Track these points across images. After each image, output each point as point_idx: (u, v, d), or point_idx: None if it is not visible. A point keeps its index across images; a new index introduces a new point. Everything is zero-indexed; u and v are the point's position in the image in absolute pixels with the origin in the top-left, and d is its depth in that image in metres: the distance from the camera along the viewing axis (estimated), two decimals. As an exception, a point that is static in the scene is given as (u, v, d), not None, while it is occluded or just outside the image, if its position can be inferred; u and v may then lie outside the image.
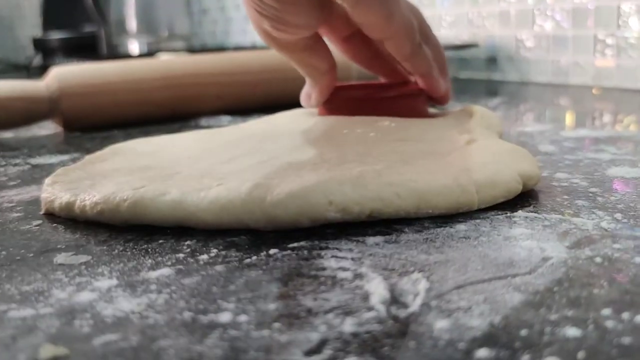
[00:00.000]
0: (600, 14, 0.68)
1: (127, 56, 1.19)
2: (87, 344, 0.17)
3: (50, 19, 1.63)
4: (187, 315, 0.18)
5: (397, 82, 0.41)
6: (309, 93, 0.38)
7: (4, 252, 0.24)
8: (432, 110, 0.42)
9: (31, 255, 0.24)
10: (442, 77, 0.38)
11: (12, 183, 0.36)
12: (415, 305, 0.18)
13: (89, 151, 0.43)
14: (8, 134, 0.54)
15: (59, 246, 0.25)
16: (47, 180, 0.30)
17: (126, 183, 0.27)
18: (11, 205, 0.31)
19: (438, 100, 0.40)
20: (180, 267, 0.22)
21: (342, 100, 0.39)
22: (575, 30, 0.71)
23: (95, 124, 0.55)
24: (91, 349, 0.17)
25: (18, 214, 0.29)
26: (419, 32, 0.36)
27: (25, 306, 0.19)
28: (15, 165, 0.41)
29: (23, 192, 0.34)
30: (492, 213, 0.26)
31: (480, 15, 0.84)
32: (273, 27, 0.34)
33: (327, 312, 0.18)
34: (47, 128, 0.57)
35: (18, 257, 0.24)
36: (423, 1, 0.93)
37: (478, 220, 0.25)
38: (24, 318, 0.18)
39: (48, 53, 1.58)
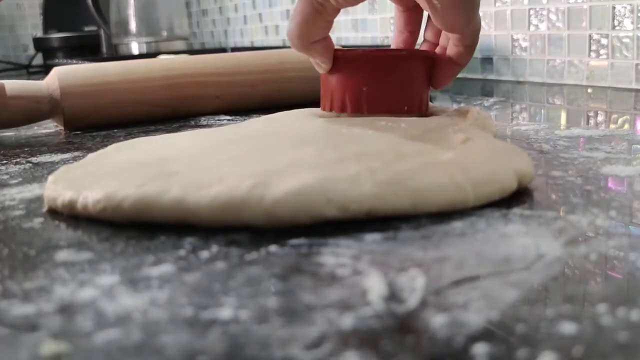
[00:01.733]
0: (595, 14, 0.68)
1: (128, 56, 1.19)
2: (89, 340, 0.17)
3: (50, 19, 1.63)
4: (189, 311, 0.18)
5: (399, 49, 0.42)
6: (317, 63, 0.39)
7: (6, 250, 0.25)
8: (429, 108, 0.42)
9: (33, 252, 0.24)
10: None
11: (13, 181, 0.36)
12: (413, 301, 0.18)
13: (90, 150, 0.43)
14: (9, 133, 0.55)
15: (61, 243, 0.25)
16: (50, 178, 0.30)
17: (128, 181, 0.27)
18: (13, 203, 0.31)
19: (436, 82, 0.41)
20: (182, 263, 0.22)
21: (351, 58, 0.39)
22: (570, 31, 0.71)
23: (96, 123, 0.55)
24: (93, 345, 0.17)
25: (20, 212, 0.30)
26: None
27: (28, 303, 0.19)
28: (17, 163, 0.41)
29: (25, 190, 0.34)
30: (488, 211, 0.26)
31: (476, 16, 0.84)
32: None
33: (326, 307, 0.18)
34: (48, 127, 0.57)
35: (20, 255, 0.24)
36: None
37: (474, 218, 0.25)
38: (27, 315, 0.19)
39: (48, 53, 1.58)
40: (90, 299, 0.19)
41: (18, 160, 0.42)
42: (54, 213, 0.29)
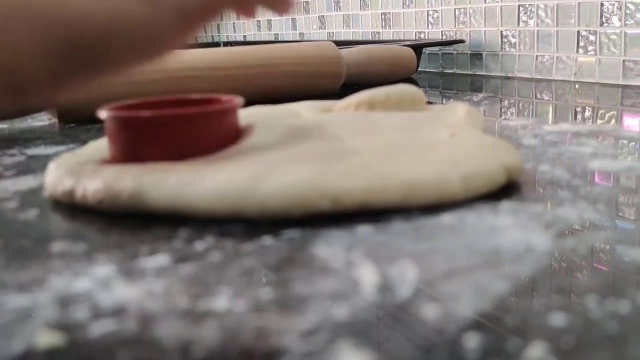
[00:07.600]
0: (583, 11, 0.69)
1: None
2: (84, 331, 0.17)
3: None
4: (184, 302, 0.18)
5: (196, 99, 0.34)
6: None
7: (1, 241, 0.25)
8: (418, 106, 0.42)
9: (29, 243, 0.24)
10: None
11: (8, 173, 0.36)
12: (404, 292, 0.19)
13: (84, 142, 0.43)
14: (3, 125, 0.54)
15: (56, 234, 0.25)
16: (52, 164, 0.30)
17: (126, 171, 0.27)
18: (8, 195, 0.31)
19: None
20: (177, 254, 0.22)
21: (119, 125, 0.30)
22: (559, 27, 0.72)
23: (90, 115, 0.54)
24: (89, 336, 0.17)
25: (15, 204, 0.30)
26: None
27: (23, 294, 0.19)
28: (11, 155, 0.41)
29: (20, 182, 0.34)
30: (477, 204, 0.26)
31: (466, 12, 0.84)
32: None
33: (319, 298, 0.18)
34: (42, 119, 0.57)
35: (15, 246, 0.24)
36: (409, -4, 0.94)
37: (464, 211, 0.25)
38: (22, 306, 0.19)
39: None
40: (86, 290, 0.19)
41: (13, 152, 0.42)
42: (49, 204, 0.29)
